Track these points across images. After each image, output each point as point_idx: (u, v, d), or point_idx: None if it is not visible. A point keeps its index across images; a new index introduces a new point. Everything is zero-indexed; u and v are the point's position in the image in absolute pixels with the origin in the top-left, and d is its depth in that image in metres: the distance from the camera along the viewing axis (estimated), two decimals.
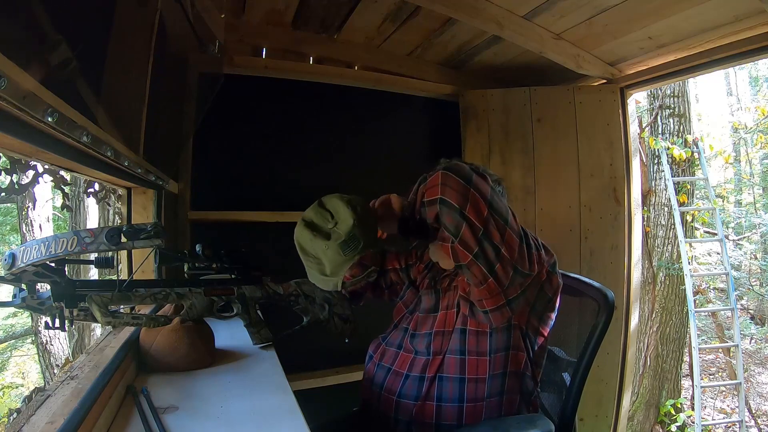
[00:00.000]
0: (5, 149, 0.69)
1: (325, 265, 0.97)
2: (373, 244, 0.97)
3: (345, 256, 0.94)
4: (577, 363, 1.05)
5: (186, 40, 1.44)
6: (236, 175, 1.87)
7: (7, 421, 2.07)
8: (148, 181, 1.23)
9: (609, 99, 2.03)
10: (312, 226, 0.97)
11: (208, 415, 0.75)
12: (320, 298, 1.17)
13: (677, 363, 3.85)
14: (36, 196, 3.48)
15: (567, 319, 1.15)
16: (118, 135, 0.88)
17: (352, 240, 0.94)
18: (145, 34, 1.07)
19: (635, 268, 2.02)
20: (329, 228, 0.96)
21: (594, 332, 1.04)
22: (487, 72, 2.23)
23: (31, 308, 0.84)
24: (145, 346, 0.95)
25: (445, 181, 0.82)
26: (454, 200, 0.81)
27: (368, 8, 1.77)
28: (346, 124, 2.05)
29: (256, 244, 1.85)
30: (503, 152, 2.10)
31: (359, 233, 0.94)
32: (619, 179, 2.01)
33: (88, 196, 1.41)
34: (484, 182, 0.85)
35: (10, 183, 0.96)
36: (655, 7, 1.50)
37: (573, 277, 1.18)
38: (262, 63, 1.91)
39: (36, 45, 0.58)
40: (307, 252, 0.99)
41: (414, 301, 1.10)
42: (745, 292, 5.26)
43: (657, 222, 3.94)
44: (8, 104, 0.47)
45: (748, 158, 7.40)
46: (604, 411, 2.00)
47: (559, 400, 1.09)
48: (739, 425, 3.48)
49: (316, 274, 1.00)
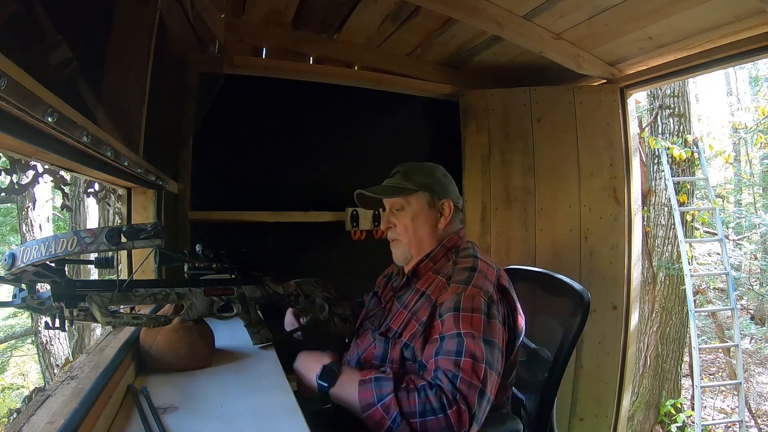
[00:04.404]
0: (5, 149, 0.69)
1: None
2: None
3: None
4: (553, 363, 1.07)
5: (186, 40, 1.44)
6: (236, 175, 1.87)
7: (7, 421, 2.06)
8: (148, 181, 1.23)
9: (609, 99, 2.03)
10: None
11: (208, 415, 0.75)
12: (320, 298, 1.17)
13: (677, 363, 3.85)
14: (36, 196, 3.48)
15: (550, 319, 1.16)
16: (118, 135, 0.88)
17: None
18: (145, 34, 1.07)
19: (635, 268, 2.02)
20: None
21: (569, 332, 1.05)
22: (487, 72, 2.23)
23: (31, 308, 0.84)
24: (145, 346, 0.95)
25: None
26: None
27: (368, 8, 1.77)
28: (345, 124, 2.05)
29: (256, 244, 1.85)
30: (503, 152, 2.10)
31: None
32: (619, 179, 2.01)
33: (88, 196, 1.41)
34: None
35: (10, 183, 0.96)
36: (655, 7, 1.50)
37: (556, 278, 1.19)
38: (262, 63, 1.91)
39: (36, 45, 0.58)
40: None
41: (375, 311, 1.16)
42: (745, 292, 5.26)
43: (657, 222, 3.94)
44: (8, 104, 0.47)
45: (748, 158, 7.41)
46: (604, 411, 2.00)
47: (539, 399, 1.10)
48: (739, 425, 3.48)
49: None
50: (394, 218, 1.11)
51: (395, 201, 1.10)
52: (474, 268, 0.98)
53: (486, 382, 0.84)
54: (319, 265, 1.95)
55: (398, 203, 1.10)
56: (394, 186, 1.10)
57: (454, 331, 0.89)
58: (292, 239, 1.92)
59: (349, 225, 1.95)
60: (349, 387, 0.89)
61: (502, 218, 2.08)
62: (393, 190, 1.10)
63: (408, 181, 1.09)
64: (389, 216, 1.12)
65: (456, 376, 0.84)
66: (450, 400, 0.82)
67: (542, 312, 1.22)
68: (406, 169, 1.12)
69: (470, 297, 0.92)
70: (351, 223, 1.95)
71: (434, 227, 1.09)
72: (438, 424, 0.81)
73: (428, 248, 1.08)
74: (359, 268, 1.33)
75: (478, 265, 0.99)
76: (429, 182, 1.09)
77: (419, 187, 1.08)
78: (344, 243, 1.98)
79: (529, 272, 1.35)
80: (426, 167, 1.13)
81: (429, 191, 1.09)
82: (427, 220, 1.08)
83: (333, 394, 0.91)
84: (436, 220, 1.09)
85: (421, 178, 1.09)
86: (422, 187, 1.08)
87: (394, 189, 1.09)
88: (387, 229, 1.13)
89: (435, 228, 1.09)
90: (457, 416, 0.81)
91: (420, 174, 1.10)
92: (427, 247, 1.08)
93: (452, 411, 0.81)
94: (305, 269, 1.55)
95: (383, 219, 1.14)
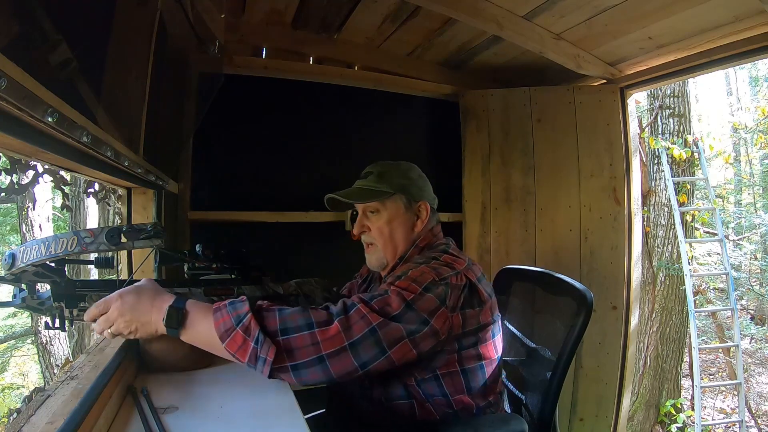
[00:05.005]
0: (5, 149, 0.69)
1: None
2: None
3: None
4: (556, 362, 1.06)
5: (186, 40, 1.44)
6: (236, 175, 1.87)
7: (7, 421, 2.06)
8: (148, 181, 1.23)
9: (609, 99, 2.03)
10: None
11: (208, 415, 0.75)
12: (320, 297, 1.17)
13: (677, 363, 3.85)
14: (36, 196, 3.48)
15: (551, 318, 1.15)
16: (118, 135, 0.88)
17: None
18: (145, 34, 1.07)
19: (635, 268, 2.02)
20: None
21: (572, 332, 1.04)
22: (487, 72, 2.23)
23: (31, 308, 0.84)
24: (145, 346, 0.95)
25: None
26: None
27: (368, 8, 1.77)
28: (345, 124, 2.05)
29: (256, 244, 1.85)
30: (503, 152, 2.10)
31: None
32: (619, 179, 2.01)
33: (88, 196, 1.41)
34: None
35: (10, 183, 0.96)
36: (655, 7, 1.50)
37: (557, 277, 1.18)
38: (262, 63, 1.91)
39: (36, 45, 0.58)
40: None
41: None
42: (745, 292, 5.26)
43: (657, 222, 3.94)
44: (8, 104, 0.47)
45: (748, 158, 7.41)
46: (604, 411, 2.00)
47: (541, 399, 1.10)
48: (739, 425, 3.48)
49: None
50: (368, 221, 1.06)
51: (370, 203, 1.05)
52: (437, 258, 0.94)
53: (387, 330, 0.78)
54: (319, 265, 1.95)
55: (373, 206, 1.05)
56: (370, 189, 1.04)
57: (385, 288, 0.86)
58: (292, 239, 1.92)
59: (349, 225, 1.95)
60: (203, 320, 0.78)
61: (502, 218, 2.08)
62: (369, 194, 1.04)
63: (383, 183, 1.04)
64: (363, 219, 1.07)
65: (354, 305, 0.80)
66: (327, 320, 0.77)
67: (543, 312, 1.22)
68: (380, 170, 1.06)
69: (419, 272, 0.88)
70: (351, 224, 1.94)
71: (410, 230, 1.05)
72: (302, 341, 0.75)
73: (403, 251, 1.04)
74: (359, 268, 1.33)
75: (442, 256, 0.95)
76: (405, 184, 1.05)
77: (395, 189, 1.03)
78: (344, 243, 1.98)
79: (530, 272, 1.35)
80: (401, 167, 1.08)
81: (405, 193, 1.04)
82: (403, 223, 1.04)
83: (185, 335, 0.79)
84: (413, 223, 1.05)
85: (397, 180, 1.04)
86: (398, 189, 1.03)
87: (370, 193, 1.04)
88: (361, 233, 1.08)
89: (411, 231, 1.05)
90: (327, 336, 0.75)
91: (395, 175, 1.05)
92: (401, 251, 1.05)
93: (320, 330, 0.76)
94: (305, 269, 1.56)
95: (356, 223, 1.08)
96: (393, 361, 0.80)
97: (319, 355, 0.75)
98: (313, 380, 0.76)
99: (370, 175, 1.07)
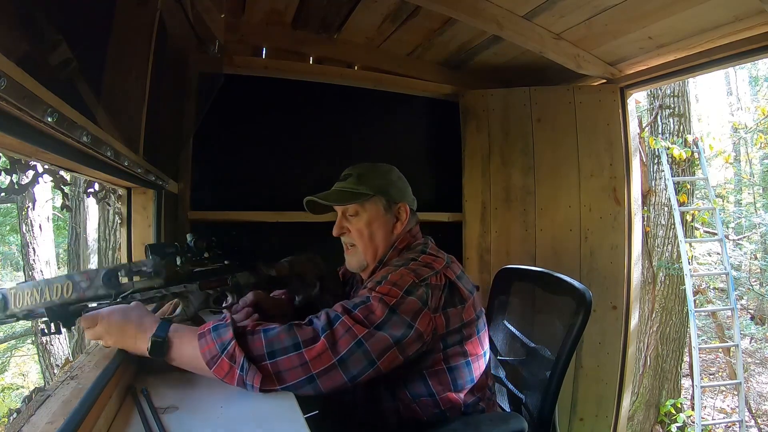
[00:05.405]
0: (5, 149, 0.69)
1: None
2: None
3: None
4: (555, 362, 1.06)
5: (186, 40, 1.44)
6: (236, 175, 1.87)
7: (7, 421, 2.06)
8: (148, 181, 1.23)
9: (609, 99, 2.03)
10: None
11: (208, 415, 0.75)
12: (312, 276, 1.16)
13: (677, 363, 3.85)
14: (36, 196, 3.48)
15: (551, 318, 1.16)
16: (118, 135, 0.88)
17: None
18: (145, 35, 1.07)
19: (635, 268, 2.02)
20: None
21: (571, 332, 1.05)
22: (487, 72, 2.23)
23: (27, 318, 0.83)
24: None
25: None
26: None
27: (368, 8, 1.77)
28: (345, 124, 2.05)
29: (256, 244, 1.85)
30: (503, 152, 2.10)
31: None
32: (619, 179, 2.01)
33: (88, 196, 1.41)
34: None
35: (10, 183, 0.96)
36: (655, 7, 1.50)
37: (557, 277, 1.19)
38: (262, 63, 1.91)
39: (36, 45, 0.58)
40: None
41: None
42: (745, 292, 5.26)
43: (657, 222, 3.94)
44: (8, 104, 0.47)
45: (748, 158, 7.42)
46: (604, 411, 2.00)
47: (541, 398, 1.10)
48: (739, 425, 3.48)
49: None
50: (347, 223, 1.06)
51: (349, 206, 1.05)
52: (415, 259, 0.94)
53: (373, 341, 0.78)
54: None
55: (352, 208, 1.05)
56: (349, 191, 1.04)
57: (366, 294, 0.85)
58: (292, 239, 1.92)
59: None
60: (188, 346, 0.78)
61: (502, 218, 2.08)
62: (348, 196, 1.03)
63: (362, 185, 1.03)
64: (342, 221, 1.07)
65: (338, 316, 0.80)
66: (313, 336, 0.76)
67: (543, 311, 1.22)
68: (360, 172, 1.06)
69: (399, 275, 0.88)
70: None
71: (390, 232, 1.05)
72: (290, 363, 0.75)
73: (382, 254, 1.04)
74: None
75: (420, 257, 0.95)
76: (384, 185, 1.04)
77: (375, 191, 1.03)
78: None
79: (530, 271, 1.35)
80: (381, 169, 1.08)
81: (385, 195, 1.04)
82: (383, 225, 1.04)
83: (173, 362, 0.80)
84: (393, 225, 1.05)
85: (376, 181, 1.04)
86: (378, 191, 1.03)
87: (350, 195, 1.03)
88: (341, 235, 1.08)
89: (391, 233, 1.05)
90: (314, 354, 0.75)
91: (375, 177, 1.05)
92: (381, 253, 1.05)
93: (307, 349, 0.75)
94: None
95: (336, 224, 1.07)
96: (381, 371, 0.81)
97: (309, 375, 0.76)
98: (304, 395, 0.78)
99: (349, 177, 1.07)
